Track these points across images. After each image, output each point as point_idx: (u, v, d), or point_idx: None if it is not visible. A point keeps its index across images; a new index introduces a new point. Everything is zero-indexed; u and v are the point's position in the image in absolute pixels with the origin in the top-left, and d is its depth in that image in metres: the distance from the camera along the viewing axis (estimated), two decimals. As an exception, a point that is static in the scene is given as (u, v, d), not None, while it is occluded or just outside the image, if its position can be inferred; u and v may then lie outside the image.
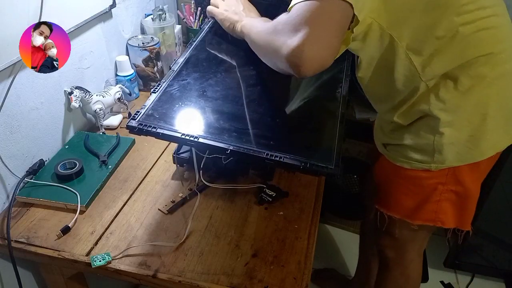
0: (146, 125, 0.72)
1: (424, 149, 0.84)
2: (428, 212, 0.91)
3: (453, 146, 0.81)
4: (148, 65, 1.22)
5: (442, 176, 0.86)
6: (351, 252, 1.74)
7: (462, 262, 1.63)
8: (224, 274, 0.72)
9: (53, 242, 0.78)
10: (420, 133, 0.83)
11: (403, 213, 0.94)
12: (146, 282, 0.73)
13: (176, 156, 0.92)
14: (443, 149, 0.82)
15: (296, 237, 0.80)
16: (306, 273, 0.73)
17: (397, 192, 0.94)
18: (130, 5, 1.22)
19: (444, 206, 0.90)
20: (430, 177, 0.87)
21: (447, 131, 0.80)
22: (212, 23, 1.03)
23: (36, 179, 0.89)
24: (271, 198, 0.87)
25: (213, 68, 0.90)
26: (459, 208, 0.91)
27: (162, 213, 0.85)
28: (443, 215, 0.91)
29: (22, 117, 0.87)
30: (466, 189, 0.88)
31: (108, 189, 0.90)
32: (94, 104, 1.03)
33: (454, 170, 0.85)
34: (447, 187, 0.87)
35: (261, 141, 0.72)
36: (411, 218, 0.94)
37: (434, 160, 0.83)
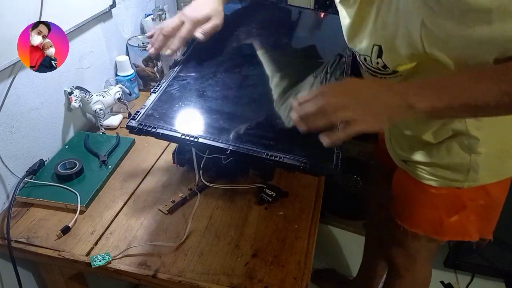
0: (146, 125, 0.72)
1: (457, 168, 0.79)
2: (457, 227, 0.87)
3: (489, 164, 0.78)
4: (148, 65, 1.22)
5: (473, 193, 0.82)
6: (351, 252, 1.74)
7: (462, 262, 1.63)
8: (224, 274, 0.72)
9: (53, 242, 0.78)
10: (453, 152, 0.78)
11: (430, 231, 0.90)
12: (146, 282, 0.73)
13: (176, 156, 0.92)
14: (479, 168, 0.78)
15: (296, 237, 0.80)
16: (306, 273, 0.73)
17: (422, 209, 0.89)
18: (130, 5, 1.22)
19: (473, 220, 0.86)
20: (461, 195, 0.83)
21: (483, 150, 0.76)
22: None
23: (36, 179, 0.89)
24: (271, 198, 0.87)
25: (213, 68, 0.90)
26: (486, 220, 0.87)
27: (162, 213, 0.85)
28: (471, 227, 0.87)
29: (22, 117, 0.87)
30: (493, 199, 0.85)
31: (108, 189, 0.90)
32: (94, 104, 1.03)
33: (486, 187, 0.82)
34: (477, 202, 0.84)
35: (261, 141, 0.72)
36: (439, 235, 0.90)
37: (468, 178, 0.80)
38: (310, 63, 0.99)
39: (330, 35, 1.10)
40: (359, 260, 1.45)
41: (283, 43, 1.04)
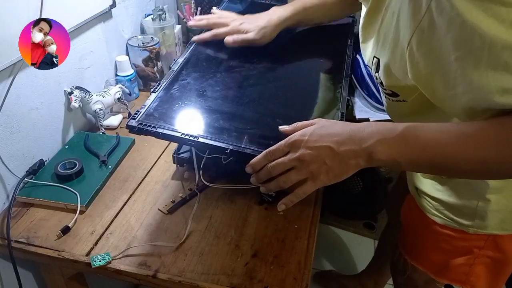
0: (146, 125, 0.72)
1: (463, 211, 0.74)
2: (458, 273, 0.82)
3: (499, 214, 0.72)
4: (148, 65, 1.22)
5: (480, 240, 0.76)
6: (351, 252, 1.74)
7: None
8: (224, 274, 0.72)
9: (53, 242, 0.78)
10: (461, 194, 0.73)
11: (429, 269, 0.86)
12: (146, 282, 0.73)
13: (176, 156, 0.92)
14: (487, 216, 0.72)
15: (296, 237, 0.80)
16: (306, 273, 0.73)
17: (425, 245, 0.85)
18: (130, 5, 1.22)
19: (478, 270, 0.80)
20: (466, 239, 0.77)
21: (494, 198, 0.70)
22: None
23: (36, 179, 0.89)
24: (271, 198, 0.87)
25: (213, 68, 0.90)
26: (495, 274, 0.81)
27: (162, 213, 0.85)
28: (474, 279, 0.81)
29: (22, 117, 0.87)
30: (507, 256, 0.77)
31: (108, 189, 0.90)
32: (94, 104, 1.03)
33: (495, 237, 0.75)
34: (484, 252, 0.77)
35: (261, 141, 0.72)
36: (437, 276, 0.86)
37: (473, 224, 0.74)
38: (310, 63, 0.99)
39: (330, 35, 1.10)
40: (359, 260, 1.45)
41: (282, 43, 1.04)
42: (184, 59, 0.92)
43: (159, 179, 0.93)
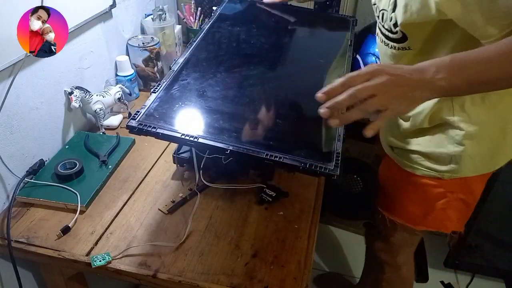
0: (146, 125, 0.72)
1: (439, 159, 0.82)
2: (434, 219, 0.90)
3: (471, 159, 0.79)
4: (148, 65, 1.22)
5: (454, 185, 0.84)
6: (351, 252, 1.74)
7: (462, 262, 1.63)
8: (224, 274, 0.72)
9: (53, 242, 0.78)
10: (438, 142, 0.81)
11: (407, 219, 0.93)
12: (146, 282, 0.73)
13: (176, 156, 0.92)
14: (461, 161, 0.79)
15: (296, 237, 0.80)
16: (306, 273, 0.73)
17: (403, 198, 0.92)
18: (130, 5, 1.22)
19: (450, 214, 0.88)
20: (441, 185, 0.85)
21: (468, 143, 0.78)
22: (212, 22, 1.03)
23: (36, 179, 0.89)
24: (271, 198, 0.87)
25: (213, 68, 0.90)
26: (464, 215, 0.89)
27: (162, 213, 0.85)
28: (448, 222, 0.90)
29: (22, 117, 0.87)
30: (473, 194, 0.86)
31: (108, 189, 0.90)
32: (94, 104, 1.03)
33: (466, 180, 0.83)
34: (456, 195, 0.86)
35: (261, 141, 0.72)
36: (414, 224, 0.92)
37: (448, 170, 0.81)
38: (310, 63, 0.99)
39: (330, 35, 1.10)
40: (359, 260, 1.44)
41: (282, 43, 1.04)
42: (184, 59, 0.92)
43: (159, 179, 0.93)
